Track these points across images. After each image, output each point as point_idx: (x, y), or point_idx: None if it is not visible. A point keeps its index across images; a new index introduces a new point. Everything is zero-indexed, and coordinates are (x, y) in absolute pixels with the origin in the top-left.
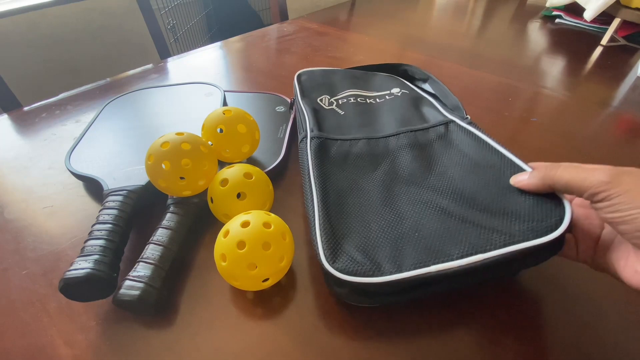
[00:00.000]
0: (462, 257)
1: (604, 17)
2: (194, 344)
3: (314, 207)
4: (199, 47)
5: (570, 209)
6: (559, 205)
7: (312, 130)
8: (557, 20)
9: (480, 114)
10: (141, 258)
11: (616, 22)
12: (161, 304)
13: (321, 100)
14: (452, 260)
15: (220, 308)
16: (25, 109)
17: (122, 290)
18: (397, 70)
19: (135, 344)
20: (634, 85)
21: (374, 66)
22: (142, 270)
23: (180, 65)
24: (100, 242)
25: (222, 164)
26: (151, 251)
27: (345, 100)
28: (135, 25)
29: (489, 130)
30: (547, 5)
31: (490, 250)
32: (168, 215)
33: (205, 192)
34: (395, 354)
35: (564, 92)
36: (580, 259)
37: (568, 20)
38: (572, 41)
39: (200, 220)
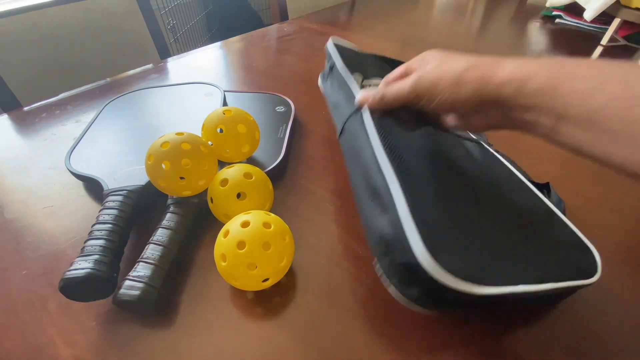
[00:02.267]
0: (538, 282)
1: (604, 17)
2: (194, 344)
3: (388, 188)
4: (199, 47)
5: (599, 256)
6: (588, 251)
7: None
8: (557, 20)
9: None
10: (141, 258)
11: (616, 22)
12: (161, 304)
13: (355, 78)
14: (531, 283)
15: (220, 308)
16: (25, 109)
17: (122, 290)
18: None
19: (135, 344)
20: None
21: (394, 61)
22: (142, 270)
23: (180, 65)
24: (100, 242)
25: (222, 164)
26: (151, 251)
27: (376, 88)
28: (135, 25)
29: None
30: (547, 5)
31: (556, 281)
32: (168, 215)
33: (205, 192)
34: (396, 354)
35: None
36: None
37: (568, 20)
38: (572, 41)
39: (200, 220)
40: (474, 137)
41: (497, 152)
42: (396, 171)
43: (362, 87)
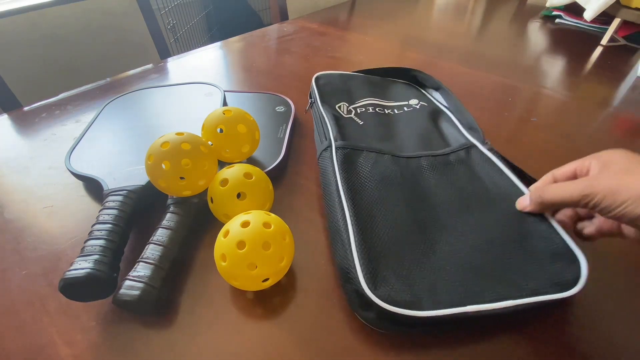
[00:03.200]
0: (494, 300)
1: (604, 17)
2: (194, 344)
3: (346, 224)
4: (199, 47)
5: (586, 266)
6: (574, 261)
7: (336, 140)
8: (557, 20)
9: (480, 114)
10: (141, 258)
11: (616, 22)
12: (161, 304)
13: (339, 107)
14: (485, 302)
15: (220, 308)
16: (25, 109)
17: (122, 290)
18: (407, 75)
19: (135, 344)
20: (634, 85)
21: (386, 70)
22: (142, 270)
23: (180, 65)
24: (100, 242)
25: (222, 164)
26: (151, 251)
27: (363, 109)
28: (135, 25)
29: (489, 130)
30: (547, 5)
31: (520, 297)
32: (168, 215)
33: (205, 192)
34: (398, 354)
35: (564, 92)
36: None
37: (568, 20)
38: (572, 41)
39: (200, 220)
40: (467, 139)
41: (493, 151)
42: (352, 207)
43: (348, 112)
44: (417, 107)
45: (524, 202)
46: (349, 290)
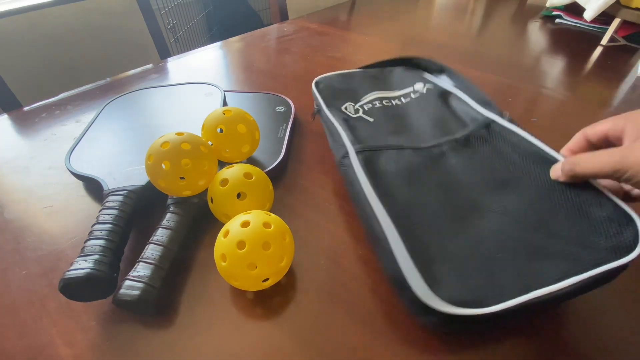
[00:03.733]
0: (557, 280)
1: (604, 17)
2: (194, 344)
3: (384, 232)
4: (199, 47)
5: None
6: (629, 222)
7: (353, 144)
8: (557, 20)
9: None
10: (141, 258)
11: (616, 22)
12: (161, 303)
13: (346, 108)
14: (550, 284)
15: (220, 308)
16: (25, 109)
17: (122, 290)
18: (408, 64)
19: (135, 344)
20: (634, 85)
21: (385, 62)
22: (142, 270)
23: (180, 65)
24: (100, 242)
25: (222, 164)
26: (151, 251)
27: (370, 105)
28: (135, 25)
29: None
30: (547, 5)
31: (583, 271)
32: (168, 215)
33: (205, 192)
34: (396, 354)
35: (564, 92)
36: None
37: (568, 20)
38: (572, 41)
39: (200, 220)
40: (483, 116)
41: (513, 122)
42: (387, 214)
43: (355, 111)
44: (424, 91)
45: (557, 173)
46: (407, 299)
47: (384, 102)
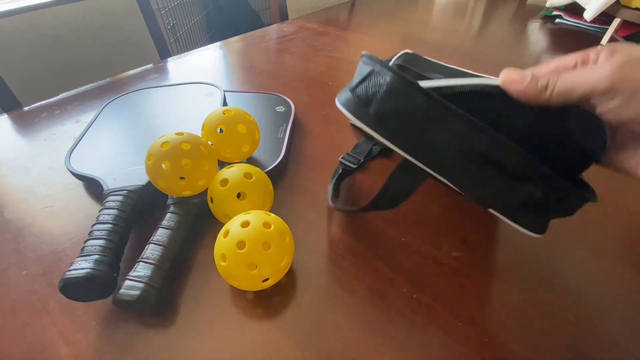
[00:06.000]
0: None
1: (604, 17)
2: (194, 344)
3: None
4: (199, 47)
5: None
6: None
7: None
8: (557, 20)
9: None
10: (141, 258)
11: (616, 22)
12: (161, 304)
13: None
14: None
15: (220, 308)
16: (25, 109)
17: (122, 290)
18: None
19: (135, 344)
20: None
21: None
22: (142, 270)
23: (180, 65)
24: (100, 242)
25: (222, 164)
26: (151, 251)
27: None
28: (135, 25)
29: None
30: (547, 5)
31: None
32: (168, 215)
33: (205, 192)
34: (396, 354)
35: None
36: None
37: (568, 20)
38: (572, 41)
39: (200, 220)
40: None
41: None
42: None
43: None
44: None
45: (518, 83)
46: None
47: None
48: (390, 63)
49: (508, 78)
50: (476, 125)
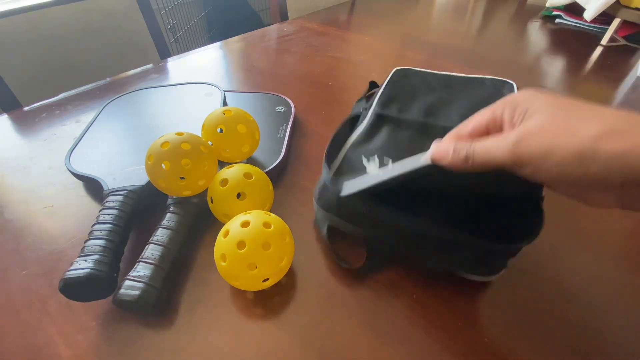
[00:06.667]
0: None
1: (604, 17)
2: (194, 344)
3: None
4: (199, 47)
5: None
6: None
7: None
8: (557, 20)
9: None
10: (141, 258)
11: (616, 22)
12: (161, 304)
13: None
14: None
15: (220, 308)
16: (25, 109)
17: (122, 290)
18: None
19: (135, 344)
20: (634, 85)
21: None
22: (142, 270)
23: (180, 65)
24: (100, 242)
25: (222, 164)
26: (151, 251)
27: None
28: (135, 25)
29: None
30: (547, 5)
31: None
32: (168, 215)
33: (205, 192)
34: (396, 354)
35: (564, 92)
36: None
37: (568, 20)
38: (572, 41)
39: (200, 220)
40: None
41: None
42: None
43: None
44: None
45: (445, 157)
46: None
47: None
48: (380, 92)
49: (436, 155)
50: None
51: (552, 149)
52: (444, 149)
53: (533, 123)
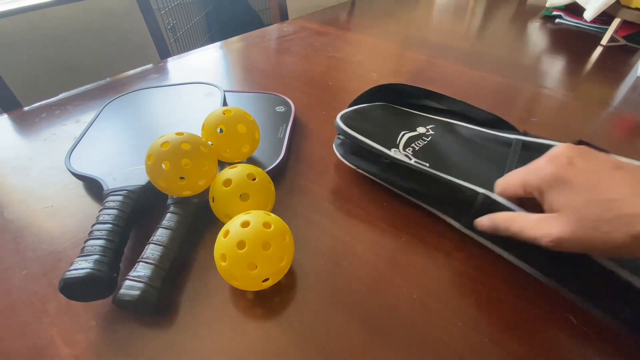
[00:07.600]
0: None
1: (604, 17)
2: (194, 344)
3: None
4: (199, 47)
5: None
6: None
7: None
8: (557, 20)
9: None
10: (141, 258)
11: (616, 22)
12: (161, 304)
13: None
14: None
15: (220, 308)
16: (25, 109)
17: (122, 290)
18: (387, 93)
19: (135, 344)
20: (634, 85)
21: (361, 97)
22: (142, 270)
23: (180, 65)
24: (100, 242)
25: (222, 164)
26: (151, 251)
27: (411, 148)
28: (135, 25)
29: None
30: (547, 5)
31: None
32: (168, 215)
33: (205, 192)
34: (396, 354)
35: (564, 92)
36: None
37: (568, 20)
38: (572, 41)
39: (200, 220)
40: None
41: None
42: None
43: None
44: (431, 132)
45: (485, 222)
46: None
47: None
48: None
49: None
50: None
51: (601, 238)
52: (487, 222)
53: (576, 205)
